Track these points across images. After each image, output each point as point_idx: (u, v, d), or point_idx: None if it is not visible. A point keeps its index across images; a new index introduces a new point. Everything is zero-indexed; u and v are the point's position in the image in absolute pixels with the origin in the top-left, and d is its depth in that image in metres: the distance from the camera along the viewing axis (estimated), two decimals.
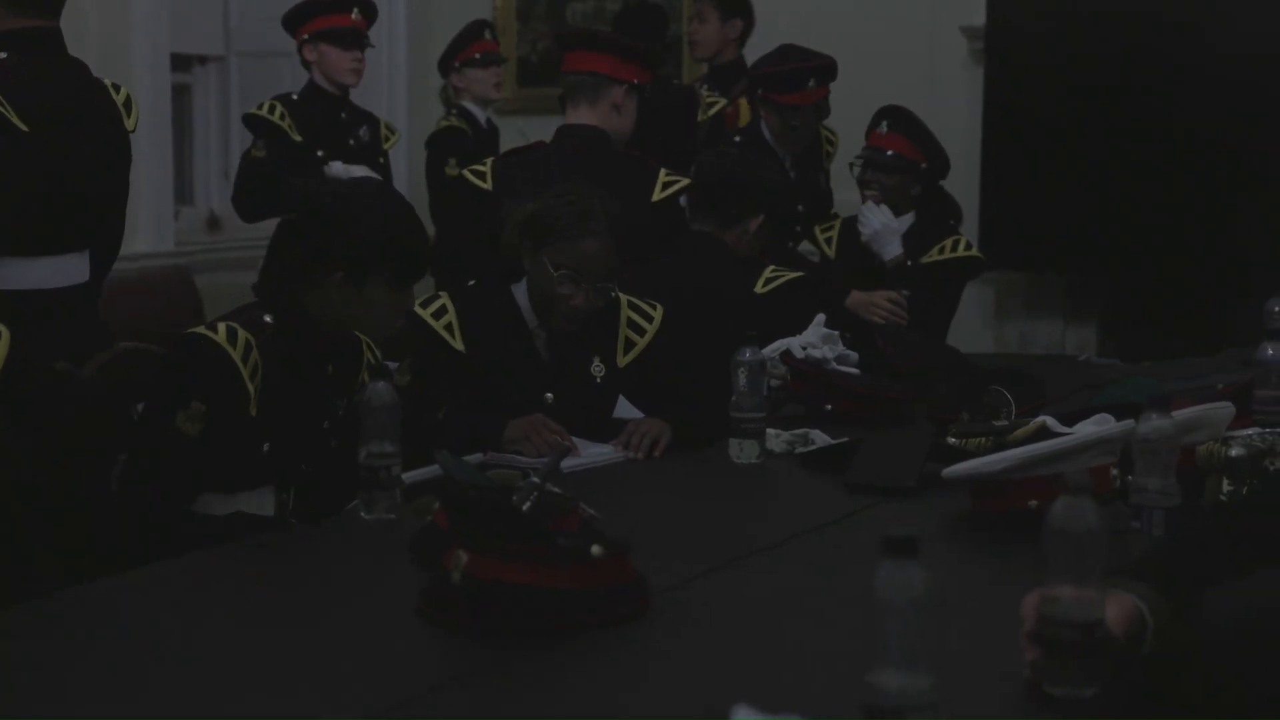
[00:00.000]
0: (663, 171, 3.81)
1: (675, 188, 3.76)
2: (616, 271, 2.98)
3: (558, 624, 1.79)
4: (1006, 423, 2.76)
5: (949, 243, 4.25)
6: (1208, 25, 5.31)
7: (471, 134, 5.52)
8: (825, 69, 4.41)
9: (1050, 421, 2.50)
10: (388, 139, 5.00)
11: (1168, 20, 5.36)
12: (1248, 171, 5.26)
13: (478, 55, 5.62)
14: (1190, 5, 5.36)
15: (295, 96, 4.80)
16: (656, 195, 3.74)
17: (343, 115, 4.88)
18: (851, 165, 4.29)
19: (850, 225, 4.36)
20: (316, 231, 2.50)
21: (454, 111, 5.56)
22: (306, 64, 4.82)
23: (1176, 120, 5.34)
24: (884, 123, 4.27)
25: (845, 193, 4.67)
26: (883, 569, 1.34)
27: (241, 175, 4.78)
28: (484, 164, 3.84)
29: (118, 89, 3.20)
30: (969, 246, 4.28)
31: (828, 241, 4.41)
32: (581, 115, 3.83)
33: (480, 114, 5.61)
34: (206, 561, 2.20)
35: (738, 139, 4.54)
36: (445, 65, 5.66)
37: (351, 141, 4.90)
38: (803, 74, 4.40)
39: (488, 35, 5.76)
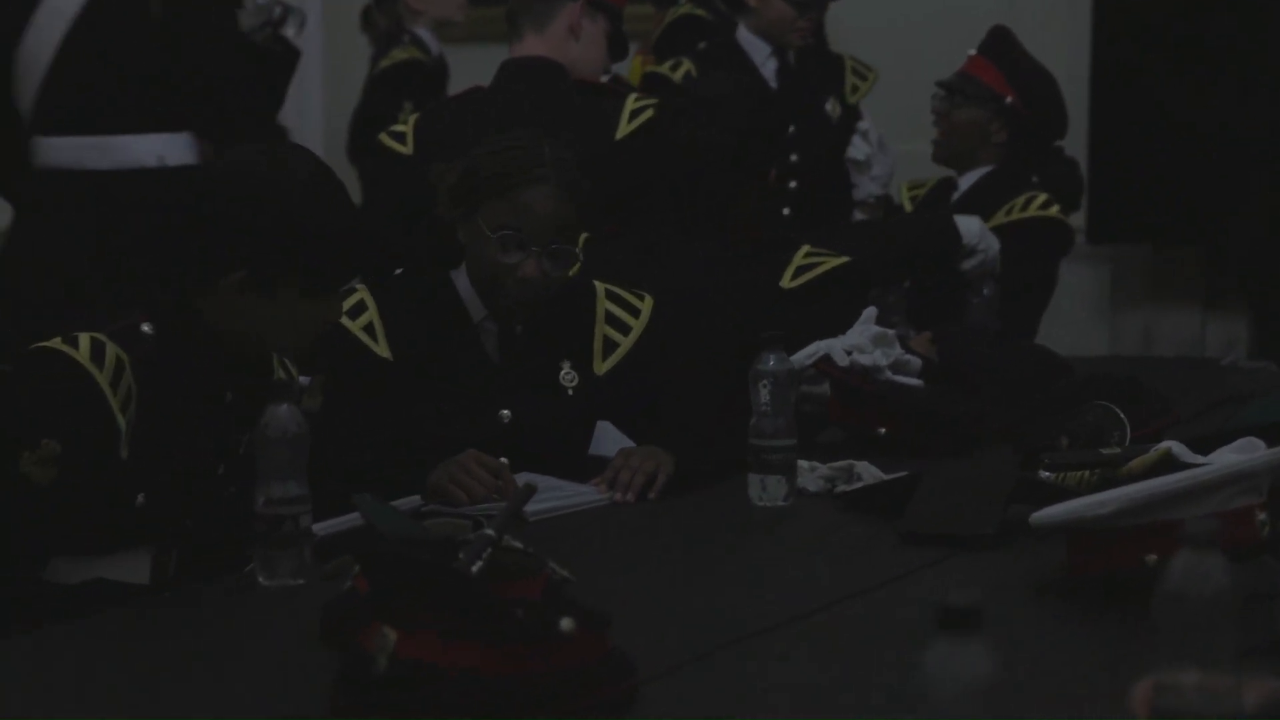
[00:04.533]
0: (631, 98, 3.86)
1: (646, 115, 3.78)
2: (573, 230, 3.00)
3: None
4: (1118, 450, 2.78)
5: (1020, 201, 4.29)
6: None
7: (426, 69, 5.54)
8: None
9: (1177, 448, 2.51)
10: None
11: None
12: None
13: None
14: None
15: None
16: (623, 130, 3.77)
17: None
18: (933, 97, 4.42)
19: (944, 187, 4.42)
20: (210, 219, 2.52)
21: (406, 39, 5.56)
22: None
23: None
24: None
25: (903, 143, 4.72)
26: (937, 648, 1.36)
27: None
28: (404, 122, 3.90)
29: None
30: (1047, 205, 4.30)
31: (913, 199, 4.53)
32: (528, 46, 3.90)
33: (434, 44, 5.63)
34: (59, 640, 2.22)
35: (702, 46, 4.61)
36: None
37: None
38: None
39: None
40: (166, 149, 4.13)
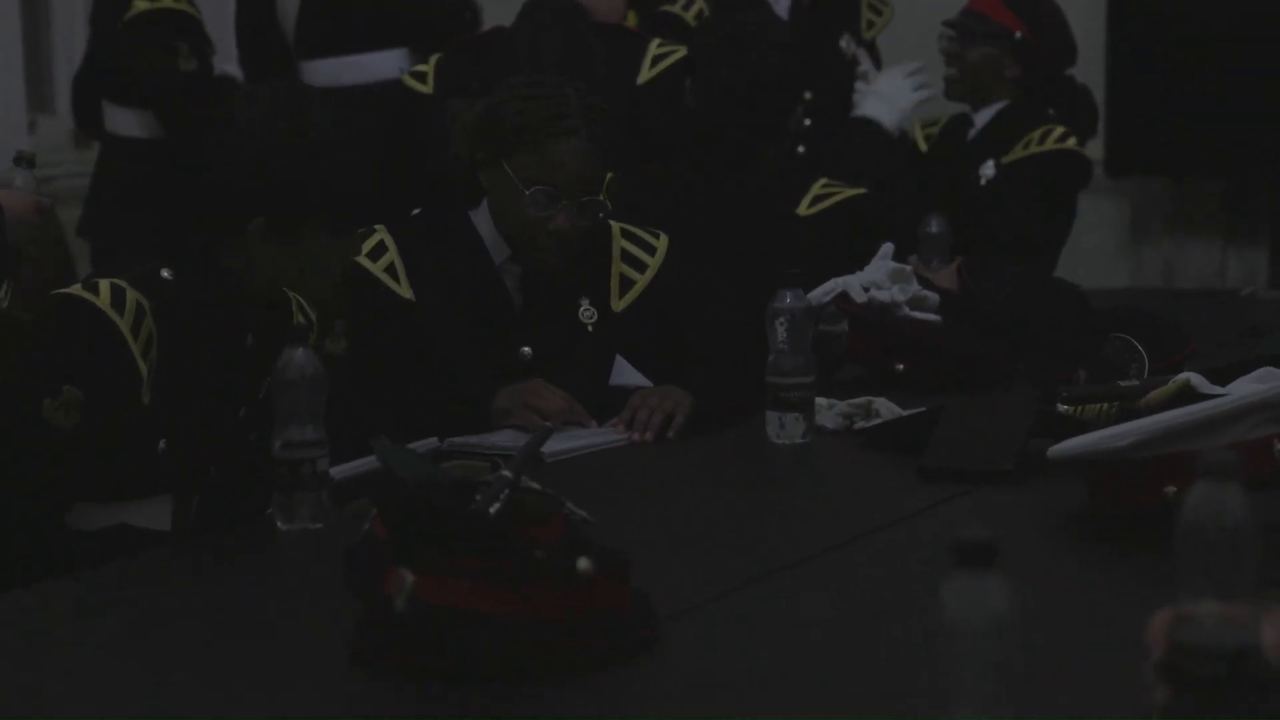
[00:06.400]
0: (654, 43, 3.85)
1: (668, 61, 3.78)
2: (601, 181, 3.00)
3: (532, 664, 1.81)
4: (1137, 382, 2.77)
5: (1037, 134, 4.28)
6: None
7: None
8: None
9: (1196, 379, 2.51)
10: None
11: None
12: None
13: None
14: None
15: None
16: (644, 75, 3.76)
17: None
18: (940, 37, 4.39)
19: (959, 123, 4.40)
20: (231, 165, 2.51)
21: None
22: None
23: None
24: None
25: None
26: (952, 583, 1.36)
27: (166, 102, 4.74)
28: (426, 62, 3.92)
29: None
30: (1064, 138, 4.28)
31: (927, 138, 4.51)
32: None
33: None
34: (81, 589, 2.23)
35: None
36: None
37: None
38: None
39: None
40: (402, 62, 4.65)
